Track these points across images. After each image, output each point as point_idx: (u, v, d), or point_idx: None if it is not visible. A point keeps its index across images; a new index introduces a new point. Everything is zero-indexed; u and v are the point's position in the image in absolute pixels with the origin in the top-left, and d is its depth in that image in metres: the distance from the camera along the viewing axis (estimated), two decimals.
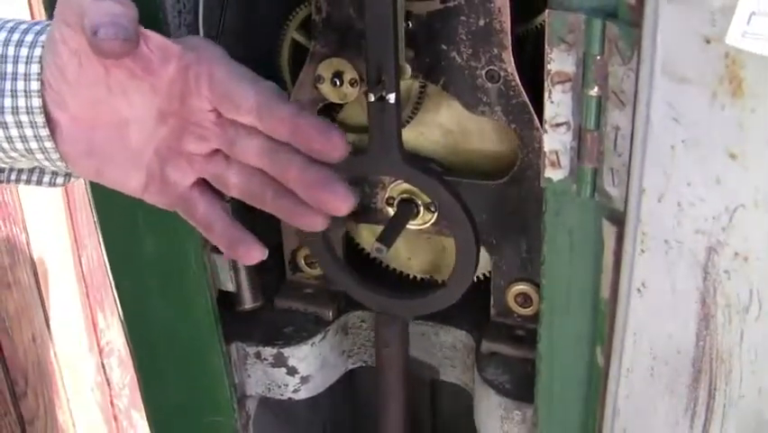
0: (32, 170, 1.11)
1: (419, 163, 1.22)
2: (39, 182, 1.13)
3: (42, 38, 0.99)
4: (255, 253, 1.08)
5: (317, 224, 1.03)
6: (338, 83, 1.23)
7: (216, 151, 1.04)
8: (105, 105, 1.01)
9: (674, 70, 0.83)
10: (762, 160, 0.82)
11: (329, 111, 1.32)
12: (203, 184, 1.07)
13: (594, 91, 0.92)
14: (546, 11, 0.92)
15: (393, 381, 1.38)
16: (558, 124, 0.96)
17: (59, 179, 1.13)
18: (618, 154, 0.92)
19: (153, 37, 0.98)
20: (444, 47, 1.18)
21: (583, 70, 0.92)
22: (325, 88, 1.24)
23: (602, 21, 0.89)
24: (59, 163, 1.04)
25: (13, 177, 1.12)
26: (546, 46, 0.93)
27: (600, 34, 0.89)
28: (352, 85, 1.23)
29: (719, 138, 0.83)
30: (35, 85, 0.98)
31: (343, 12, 1.21)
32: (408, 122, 1.26)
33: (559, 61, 0.93)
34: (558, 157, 0.98)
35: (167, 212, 1.24)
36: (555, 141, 0.97)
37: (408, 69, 1.19)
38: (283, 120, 0.97)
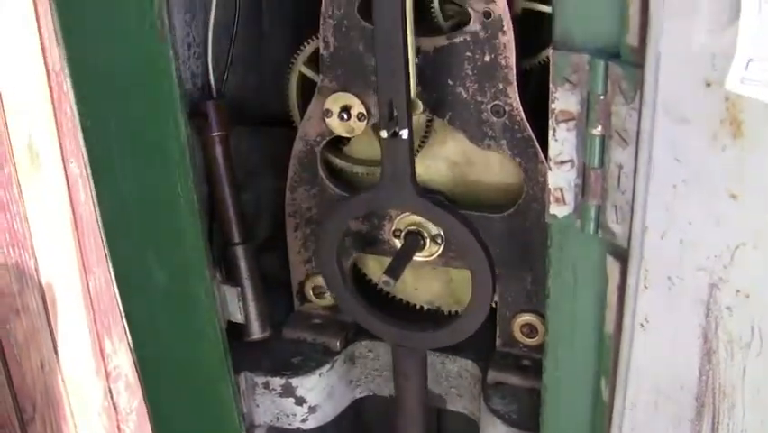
0: None
1: (433, 197, 1.24)
2: None
3: None
4: None
5: None
6: (345, 117, 1.25)
7: None
8: None
9: (676, 111, 0.85)
10: (762, 200, 0.84)
11: (337, 144, 1.34)
12: None
13: (597, 130, 0.93)
14: (551, 51, 0.94)
15: (412, 412, 1.39)
16: (562, 162, 0.98)
17: None
18: (622, 192, 0.93)
19: None
20: (450, 82, 1.20)
21: (587, 109, 0.94)
22: (333, 122, 1.26)
23: (605, 61, 0.90)
24: None
25: None
26: (551, 85, 0.95)
27: (604, 74, 0.91)
28: (359, 119, 1.25)
29: (720, 178, 0.85)
30: None
31: (351, 47, 1.22)
32: (415, 156, 1.27)
33: (563, 100, 0.95)
34: (563, 193, 0.99)
35: (177, 245, 1.26)
36: (560, 178, 0.99)
37: (420, 105, 1.20)
38: None
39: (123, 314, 1.39)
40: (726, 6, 0.77)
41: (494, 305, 1.36)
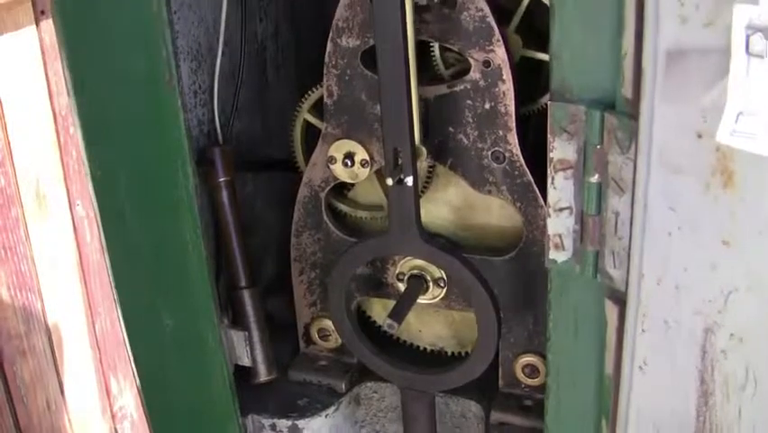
0: None
1: (438, 242, 1.27)
2: None
3: None
4: None
5: None
6: (349, 163, 1.28)
7: None
8: None
9: (670, 161, 0.88)
10: (753, 247, 0.86)
11: (341, 189, 1.37)
12: None
13: (595, 178, 0.96)
14: (548, 102, 0.97)
15: None
16: (561, 209, 1.01)
17: None
18: (619, 238, 0.96)
19: None
20: (452, 129, 1.23)
21: (584, 158, 0.97)
22: (337, 168, 1.29)
23: (601, 112, 0.93)
24: None
25: None
26: (549, 135, 0.98)
27: (600, 125, 0.94)
28: (362, 165, 1.27)
29: (713, 226, 0.88)
30: None
31: (354, 95, 1.26)
32: None
33: (561, 149, 0.98)
34: (561, 240, 1.02)
35: (185, 291, 1.28)
36: (559, 224, 1.01)
37: (425, 152, 1.23)
38: None
39: (132, 357, 1.41)
40: (716, 64, 0.80)
41: None
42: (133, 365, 1.42)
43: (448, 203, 1.32)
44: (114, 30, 1.17)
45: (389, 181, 1.17)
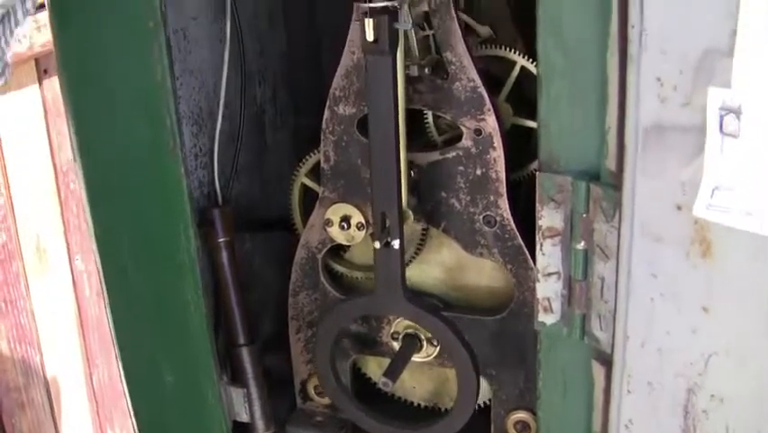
0: None
1: (422, 302, 1.31)
2: None
3: None
4: None
5: None
6: (346, 226, 1.32)
7: None
8: None
9: (651, 231, 0.92)
10: (731, 313, 0.91)
11: (337, 250, 1.41)
12: None
13: (581, 245, 1.01)
14: (537, 173, 1.02)
15: None
16: (549, 274, 1.05)
17: None
18: (605, 302, 1.00)
19: None
20: (444, 194, 1.28)
21: (571, 226, 1.01)
22: (334, 231, 1.33)
23: (587, 183, 0.98)
24: None
25: None
26: (537, 204, 1.03)
27: (585, 195, 0.98)
28: (358, 228, 1.31)
29: (693, 293, 0.92)
30: None
31: (350, 161, 1.30)
32: (411, 262, 1.34)
33: (549, 218, 1.02)
34: (550, 303, 1.06)
35: (186, 348, 1.32)
36: (547, 289, 1.06)
37: (411, 215, 1.27)
38: None
39: (132, 412, 1.44)
40: (693, 141, 0.85)
41: (488, 402, 1.42)
42: (134, 420, 1.44)
43: (441, 264, 1.36)
44: (120, 97, 1.21)
45: (377, 244, 1.22)
